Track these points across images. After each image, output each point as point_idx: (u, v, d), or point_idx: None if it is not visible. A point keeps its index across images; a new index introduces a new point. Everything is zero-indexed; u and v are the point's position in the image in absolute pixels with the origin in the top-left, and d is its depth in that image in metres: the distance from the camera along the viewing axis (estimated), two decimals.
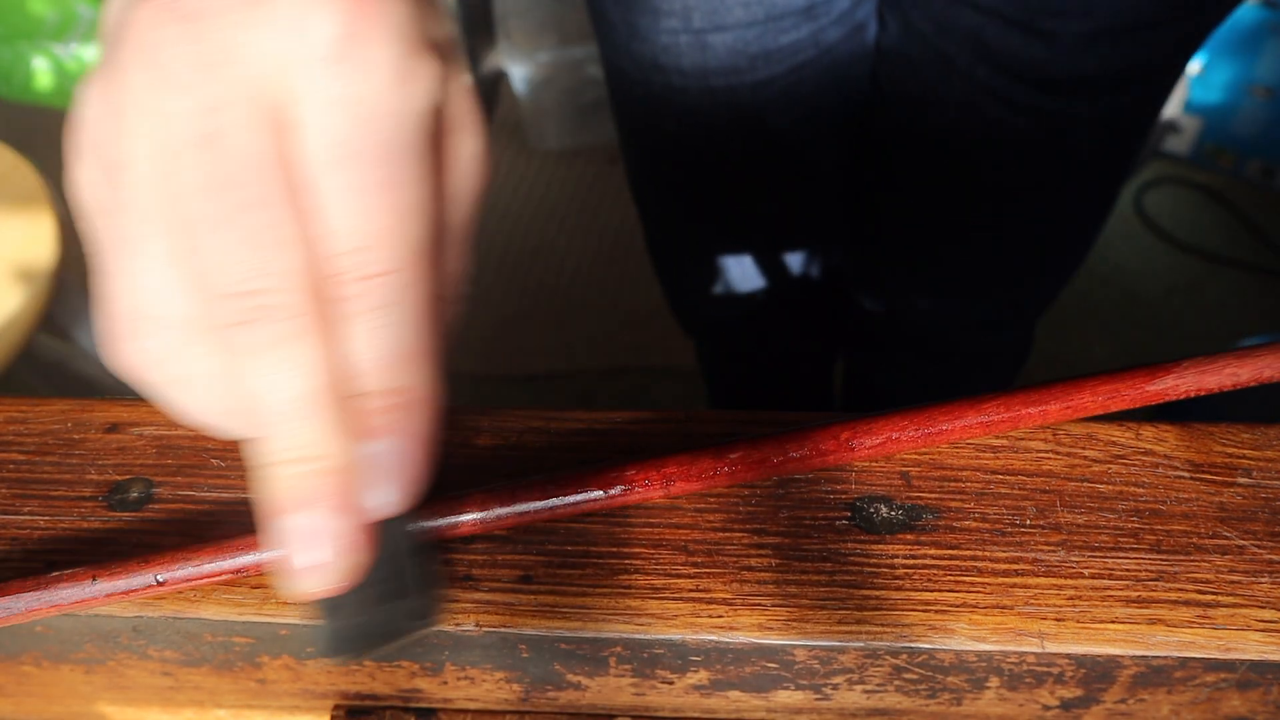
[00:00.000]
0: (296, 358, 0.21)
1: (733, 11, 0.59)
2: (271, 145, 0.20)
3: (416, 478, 0.23)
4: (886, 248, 0.76)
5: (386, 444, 0.22)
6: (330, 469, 0.21)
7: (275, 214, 0.20)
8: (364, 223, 0.21)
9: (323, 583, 0.22)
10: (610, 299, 1.43)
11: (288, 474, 0.21)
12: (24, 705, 0.32)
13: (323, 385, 0.21)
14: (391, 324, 0.22)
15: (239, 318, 0.20)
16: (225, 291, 0.20)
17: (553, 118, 1.63)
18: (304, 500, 0.21)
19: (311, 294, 0.21)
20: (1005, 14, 0.55)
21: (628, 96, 0.70)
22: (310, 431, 0.21)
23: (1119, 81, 0.58)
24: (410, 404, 0.22)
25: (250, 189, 0.20)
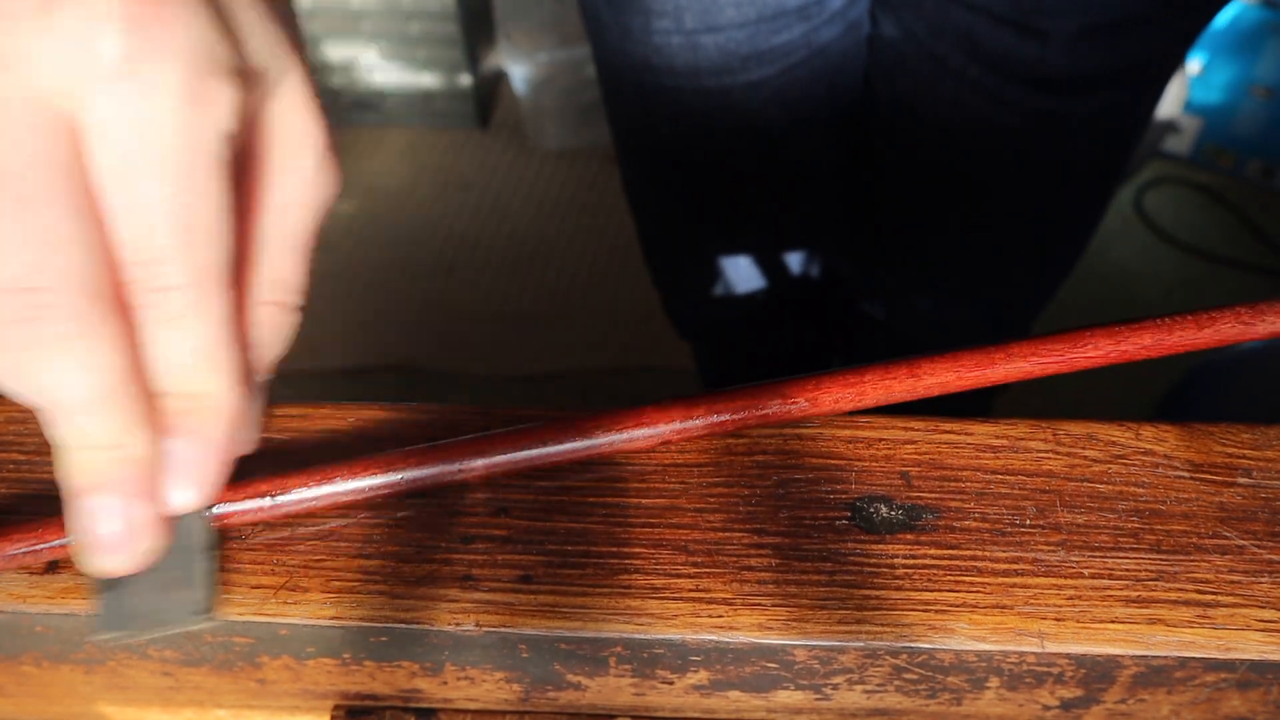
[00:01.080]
0: (83, 355, 0.21)
1: (724, 12, 0.59)
2: (58, 148, 0.21)
3: (211, 478, 0.24)
4: (882, 248, 0.76)
5: (184, 444, 0.23)
6: (124, 458, 0.22)
7: (55, 214, 0.21)
8: (153, 238, 0.21)
9: (115, 562, 0.23)
10: (610, 299, 1.43)
11: (84, 458, 0.22)
12: (24, 705, 0.32)
13: (116, 380, 0.22)
14: (188, 334, 0.23)
15: (16, 315, 0.21)
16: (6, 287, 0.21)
17: (553, 118, 1.63)
18: (99, 483, 0.23)
19: (98, 295, 0.21)
20: (997, 12, 0.55)
21: (621, 98, 0.70)
22: (103, 423, 0.22)
23: (1111, 79, 0.58)
24: (209, 409, 0.24)
25: (29, 187, 0.20)
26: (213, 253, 0.22)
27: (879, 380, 0.28)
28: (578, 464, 0.28)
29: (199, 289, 0.22)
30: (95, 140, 0.21)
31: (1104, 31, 0.55)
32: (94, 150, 0.21)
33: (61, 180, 0.21)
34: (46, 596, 0.26)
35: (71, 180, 0.21)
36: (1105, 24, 0.54)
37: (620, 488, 0.28)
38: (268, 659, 0.27)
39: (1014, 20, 0.55)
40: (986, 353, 0.28)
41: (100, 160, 0.21)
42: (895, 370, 0.28)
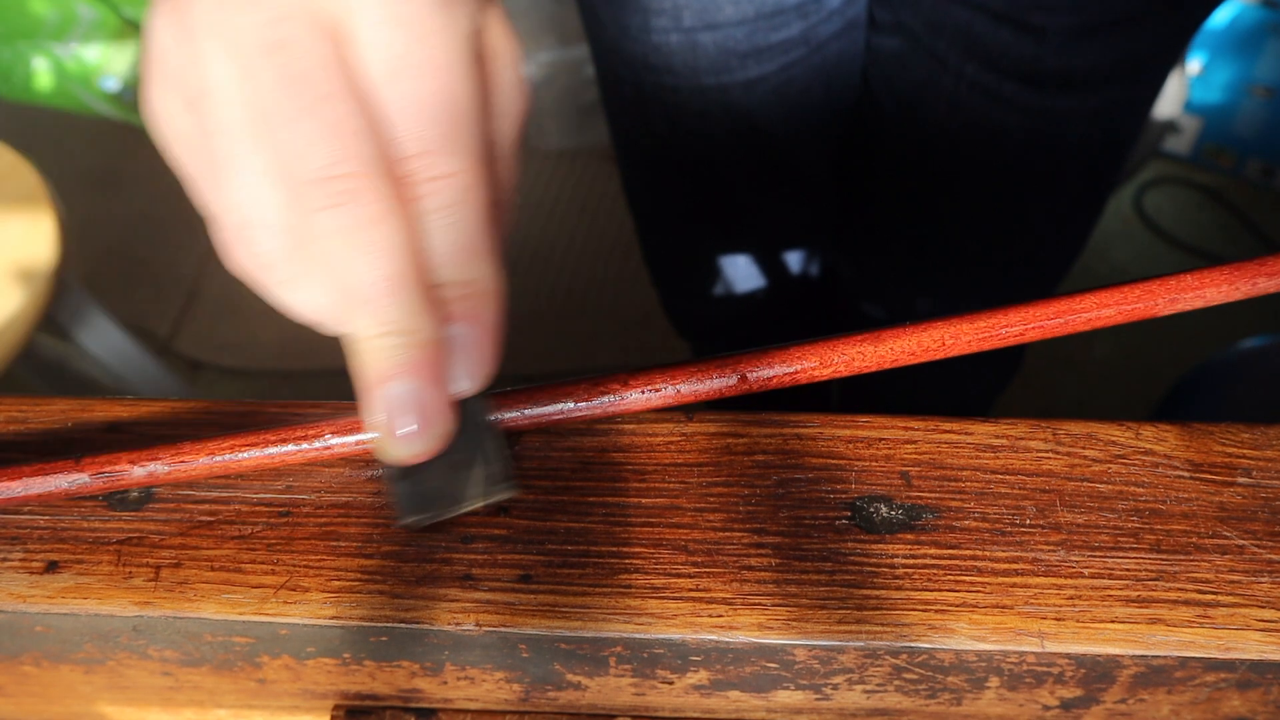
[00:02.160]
0: (379, 239, 0.23)
1: (723, 9, 0.59)
2: (329, 51, 0.23)
3: (489, 360, 0.26)
4: (880, 246, 0.76)
5: (463, 329, 0.25)
6: (418, 343, 0.24)
7: (347, 107, 0.23)
8: (426, 129, 0.23)
9: (413, 448, 0.25)
10: (610, 299, 1.43)
11: (381, 347, 0.24)
12: (24, 705, 0.32)
13: (405, 267, 0.23)
14: (459, 221, 0.24)
15: (326, 201, 0.23)
16: (311, 178, 0.23)
17: (553, 118, 1.63)
18: (397, 370, 0.24)
19: (388, 182, 0.23)
20: (995, 10, 0.55)
21: (619, 97, 0.70)
22: (399, 308, 0.24)
23: (1109, 76, 0.58)
24: (481, 294, 0.25)
25: (321, 85, 0.22)
26: (476, 141, 0.24)
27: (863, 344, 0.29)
28: (579, 458, 0.28)
29: (469, 175, 0.24)
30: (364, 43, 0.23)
31: (1102, 28, 0.55)
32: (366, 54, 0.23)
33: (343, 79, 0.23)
34: (46, 596, 0.26)
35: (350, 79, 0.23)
36: (1103, 21, 0.54)
37: (620, 488, 0.28)
38: (268, 659, 0.27)
39: (1012, 17, 0.55)
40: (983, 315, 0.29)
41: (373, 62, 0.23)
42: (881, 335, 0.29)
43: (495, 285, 0.25)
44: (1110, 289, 0.29)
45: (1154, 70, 0.60)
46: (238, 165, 0.23)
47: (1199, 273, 0.29)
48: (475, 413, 0.26)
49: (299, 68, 0.22)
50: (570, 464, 0.28)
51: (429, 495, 0.26)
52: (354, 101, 0.23)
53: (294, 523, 0.27)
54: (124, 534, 0.27)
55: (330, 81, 0.22)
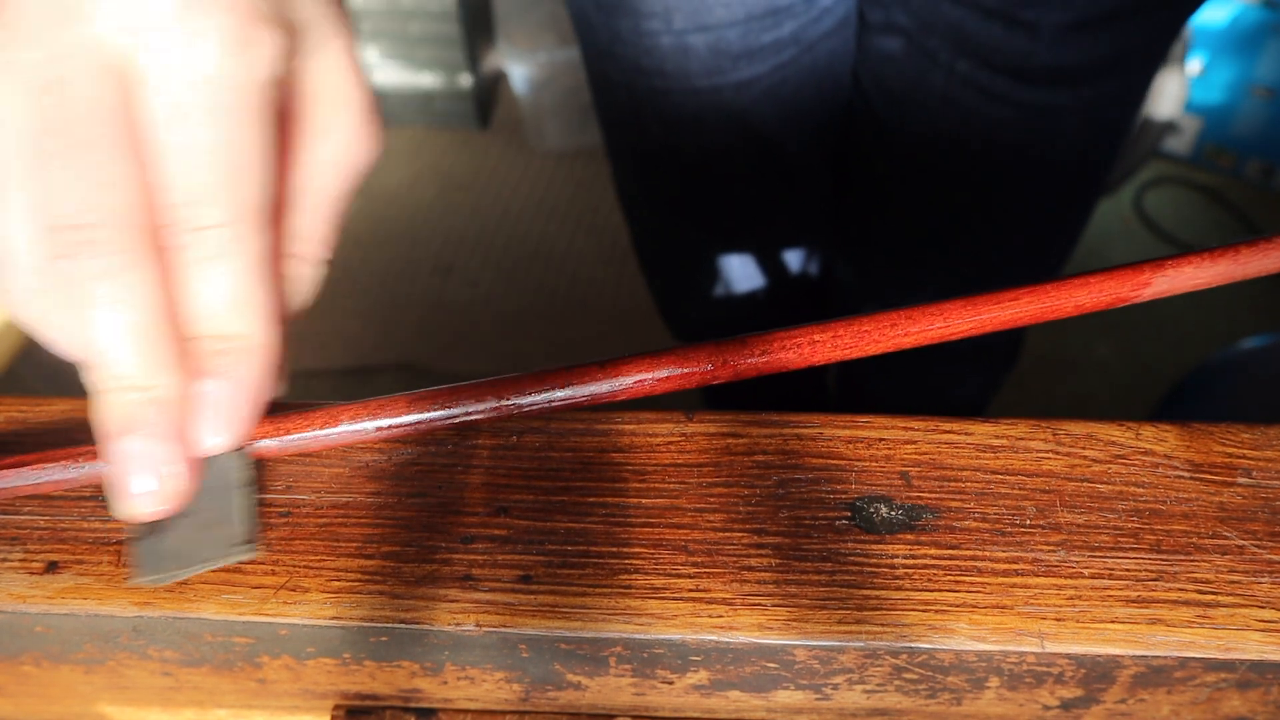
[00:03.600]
0: (122, 291, 0.22)
1: (713, 11, 0.59)
2: (111, 95, 0.22)
3: (246, 419, 0.25)
4: (876, 245, 0.76)
5: (216, 385, 0.24)
6: (157, 399, 0.23)
7: (107, 156, 0.22)
8: (197, 178, 0.23)
9: (149, 505, 0.24)
10: (610, 299, 1.43)
11: (117, 400, 0.23)
12: (24, 705, 0.32)
13: (151, 320, 0.23)
14: (225, 274, 0.24)
15: (68, 250, 0.22)
16: (57, 224, 0.22)
17: (553, 118, 1.63)
18: (131, 425, 0.23)
19: (140, 234, 0.23)
20: (985, 6, 0.56)
21: (611, 101, 0.70)
22: (138, 363, 0.23)
23: (1100, 71, 0.58)
24: (243, 351, 0.24)
25: (85, 130, 0.22)
26: (254, 194, 0.24)
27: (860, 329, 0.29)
28: (579, 458, 0.28)
29: (238, 228, 0.24)
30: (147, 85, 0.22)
31: (1092, 23, 0.55)
32: (145, 95, 0.23)
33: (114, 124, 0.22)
34: (46, 596, 0.26)
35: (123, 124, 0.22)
36: (1093, 16, 0.54)
37: (620, 488, 0.28)
38: (268, 659, 0.27)
39: (1002, 13, 0.55)
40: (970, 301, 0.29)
41: (151, 104, 0.23)
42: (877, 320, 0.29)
43: (260, 341, 0.25)
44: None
45: (1145, 64, 0.60)
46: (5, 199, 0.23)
47: (1178, 258, 0.30)
48: (227, 469, 0.25)
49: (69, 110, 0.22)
50: (570, 464, 0.28)
51: (166, 553, 0.25)
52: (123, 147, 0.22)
53: (294, 523, 0.27)
54: (124, 534, 0.27)
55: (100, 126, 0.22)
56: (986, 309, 0.29)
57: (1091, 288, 0.29)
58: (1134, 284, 0.29)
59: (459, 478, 0.28)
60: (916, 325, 0.28)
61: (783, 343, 0.28)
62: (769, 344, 0.29)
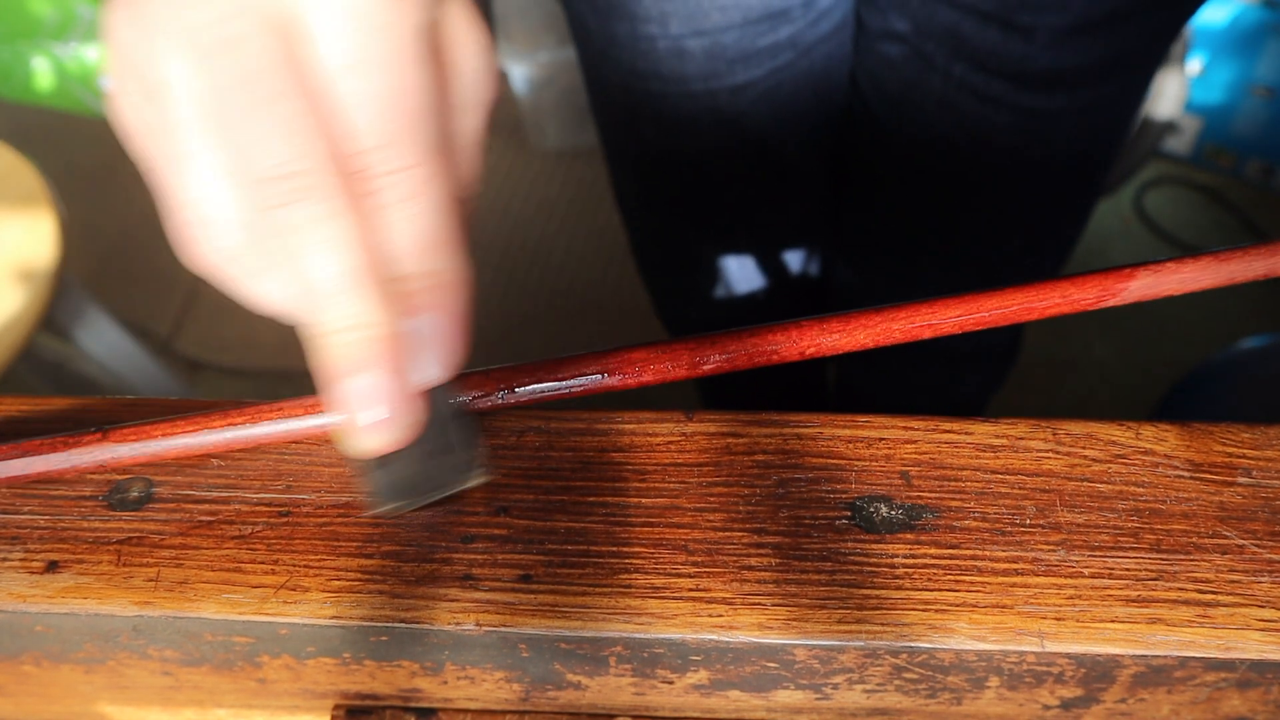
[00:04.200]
0: (337, 234, 0.23)
1: (709, 16, 0.59)
2: (285, 49, 0.23)
3: (455, 350, 0.26)
4: (875, 247, 0.76)
5: (426, 320, 0.25)
6: (380, 335, 0.24)
7: (298, 106, 0.23)
8: (381, 123, 0.23)
9: (381, 439, 0.25)
10: (610, 299, 1.43)
11: (342, 341, 0.24)
12: (24, 705, 0.32)
13: (364, 261, 0.24)
14: (418, 214, 0.24)
15: (281, 199, 0.23)
16: (264, 176, 0.23)
17: (553, 118, 1.63)
18: (358, 364, 0.24)
19: (342, 179, 0.23)
20: (982, 10, 0.55)
21: (608, 105, 0.70)
22: (358, 302, 0.24)
23: (1098, 74, 0.58)
24: (443, 285, 0.25)
25: (271, 83, 0.23)
26: (432, 134, 0.25)
27: None
28: (579, 458, 0.28)
29: (428, 167, 0.24)
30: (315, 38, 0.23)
31: (1089, 26, 0.55)
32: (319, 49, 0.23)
33: (296, 76, 0.23)
34: (46, 596, 0.26)
35: (300, 77, 0.23)
36: (1090, 19, 0.54)
37: (620, 488, 0.28)
38: (268, 658, 0.27)
39: (999, 17, 0.55)
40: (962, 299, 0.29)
41: (325, 57, 0.23)
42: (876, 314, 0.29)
43: (458, 275, 0.26)
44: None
45: (1142, 67, 0.60)
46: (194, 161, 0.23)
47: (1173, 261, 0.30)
48: (444, 402, 0.27)
49: (250, 66, 0.22)
50: (570, 464, 0.28)
51: (401, 484, 0.26)
52: (305, 98, 0.23)
53: (294, 523, 0.27)
54: (124, 534, 0.27)
55: (281, 79, 0.23)
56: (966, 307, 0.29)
57: (1059, 292, 0.29)
58: (1110, 286, 0.29)
59: None
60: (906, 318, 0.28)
61: (772, 332, 0.29)
62: (759, 333, 0.29)
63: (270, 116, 0.23)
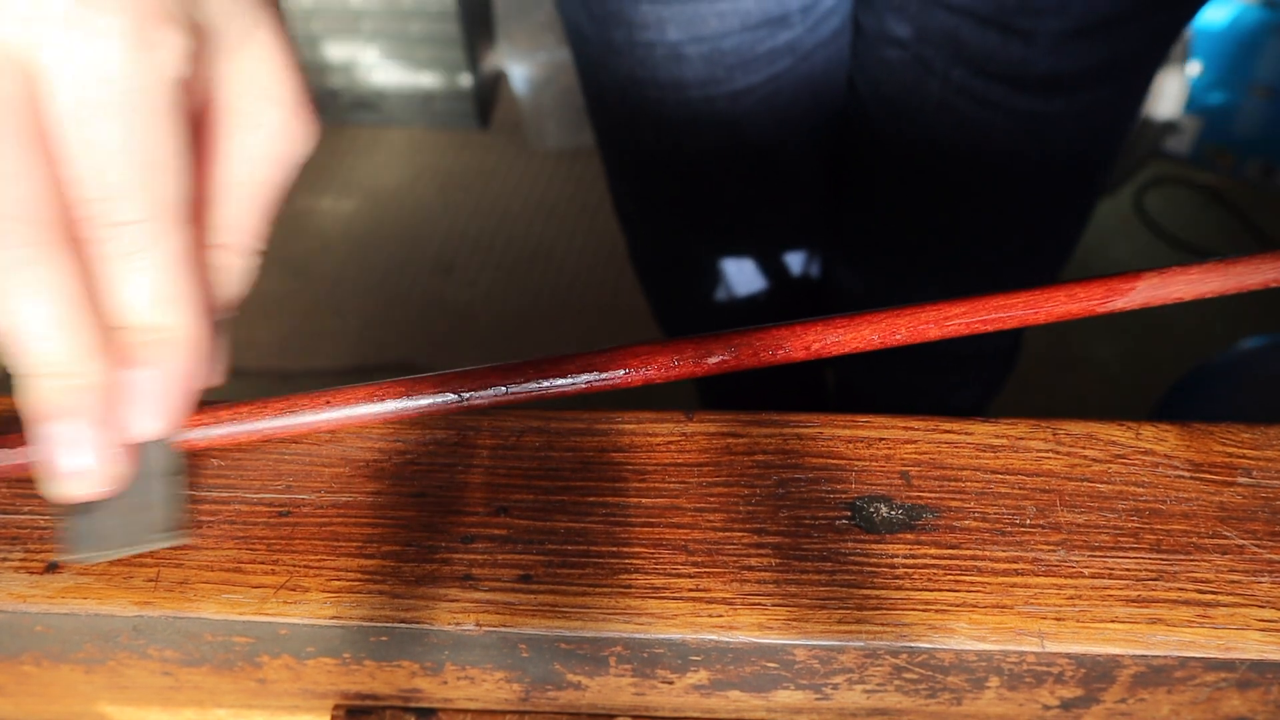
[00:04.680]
0: (38, 281, 0.23)
1: (708, 22, 0.59)
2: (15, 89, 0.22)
3: (174, 407, 0.26)
4: (875, 251, 0.76)
5: (146, 374, 0.25)
6: (82, 386, 0.24)
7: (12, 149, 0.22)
8: (109, 175, 0.23)
9: (79, 487, 0.25)
10: (610, 299, 1.43)
11: (43, 386, 0.24)
12: (24, 705, 0.32)
13: (70, 310, 0.23)
14: (146, 268, 0.24)
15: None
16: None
17: (553, 118, 1.63)
18: (60, 410, 0.24)
19: (52, 226, 0.23)
20: (981, 14, 0.55)
21: (606, 110, 0.70)
22: (61, 350, 0.23)
23: (1096, 78, 0.58)
24: (170, 342, 0.25)
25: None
26: (167, 191, 0.24)
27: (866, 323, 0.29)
28: (579, 458, 0.28)
29: (154, 224, 0.24)
30: (51, 83, 0.22)
31: (1088, 30, 0.54)
32: (50, 93, 0.23)
33: (17, 118, 0.22)
34: (46, 596, 0.26)
35: (28, 118, 0.22)
36: (1089, 23, 0.54)
37: (620, 488, 0.28)
38: (268, 659, 0.27)
39: (998, 22, 0.55)
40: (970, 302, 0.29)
41: (56, 102, 0.23)
42: None
43: (187, 333, 0.25)
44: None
45: (1142, 70, 0.60)
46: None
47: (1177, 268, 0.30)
48: (156, 457, 0.26)
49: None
50: (570, 464, 0.28)
51: (94, 534, 0.26)
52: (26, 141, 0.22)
53: (294, 523, 0.27)
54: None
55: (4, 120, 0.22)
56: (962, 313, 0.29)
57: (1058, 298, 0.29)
58: (1116, 286, 0.29)
59: (459, 478, 0.28)
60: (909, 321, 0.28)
61: (778, 330, 0.29)
62: (763, 330, 0.29)
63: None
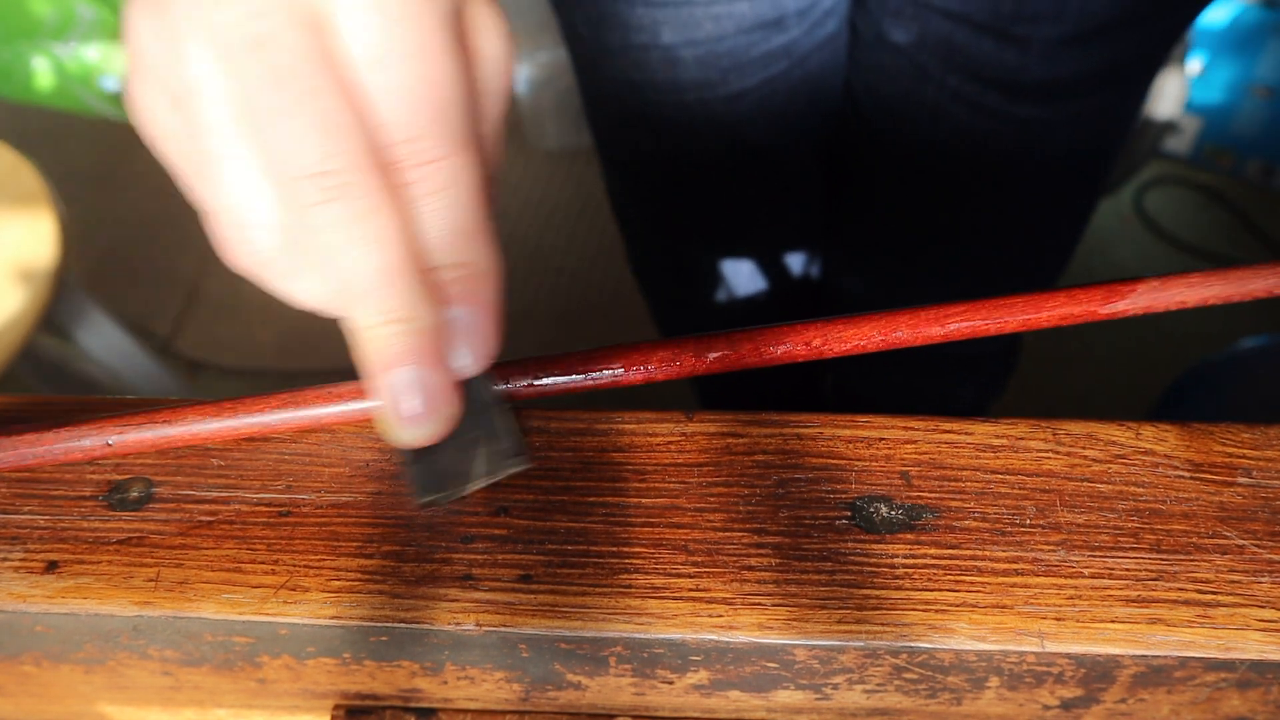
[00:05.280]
0: (375, 231, 0.23)
1: (702, 26, 0.59)
2: (315, 44, 0.22)
3: (491, 340, 0.26)
4: (872, 255, 0.76)
5: (463, 310, 0.25)
6: (420, 328, 0.24)
7: (332, 102, 0.22)
8: (411, 115, 0.23)
9: (422, 431, 0.25)
10: (611, 299, 1.43)
11: (383, 334, 0.24)
12: (24, 705, 0.32)
13: (402, 256, 0.24)
14: (451, 205, 0.24)
15: (317, 198, 0.23)
16: (301, 174, 0.23)
17: (553, 118, 1.63)
18: (398, 357, 0.24)
19: (379, 174, 0.23)
20: (976, 20, 0.55)
21: (602, 113, 0.70)
22: (396, 297, 0.24)
23: (1092, 84, 0.58)
24: (477, 276, 0.25)
25: (305, 81, 0.22)
26: (466, 124, 0.24)
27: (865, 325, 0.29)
28: (579, 458, 0.28)
29: (460, 158, 0.24)
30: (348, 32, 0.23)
31: (1084, 37, 0.54)
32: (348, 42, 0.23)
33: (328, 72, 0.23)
34: (46, 596, 0.26)
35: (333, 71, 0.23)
36: (1086, 29, 0.54)
37: (620, 488, 0.28)
38: (268, 659, 0.27)
39: (994, 28, 0.55)
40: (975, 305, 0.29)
41: (355, 50, 0.23)
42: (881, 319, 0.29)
43: (492, 265, 0.26)
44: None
45: (1138, 77, 0.60)
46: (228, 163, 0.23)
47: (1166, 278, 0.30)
48: (482, 391, 0.27)
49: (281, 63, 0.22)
50: (570, 464, 0.28)
51: (443, 474, 0.26)
52: (339, 94, 0.23)
53: (294, 523, 0.27)
54: (124, 534, 0.27)
55: (313, 75, 0.22)
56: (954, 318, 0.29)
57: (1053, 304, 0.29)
58: (1100, 300, 0.29)
59: None
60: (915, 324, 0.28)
61: (766, 335, 0.29)
62: (752, 335, 0.29)
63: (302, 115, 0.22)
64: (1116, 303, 0.29)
